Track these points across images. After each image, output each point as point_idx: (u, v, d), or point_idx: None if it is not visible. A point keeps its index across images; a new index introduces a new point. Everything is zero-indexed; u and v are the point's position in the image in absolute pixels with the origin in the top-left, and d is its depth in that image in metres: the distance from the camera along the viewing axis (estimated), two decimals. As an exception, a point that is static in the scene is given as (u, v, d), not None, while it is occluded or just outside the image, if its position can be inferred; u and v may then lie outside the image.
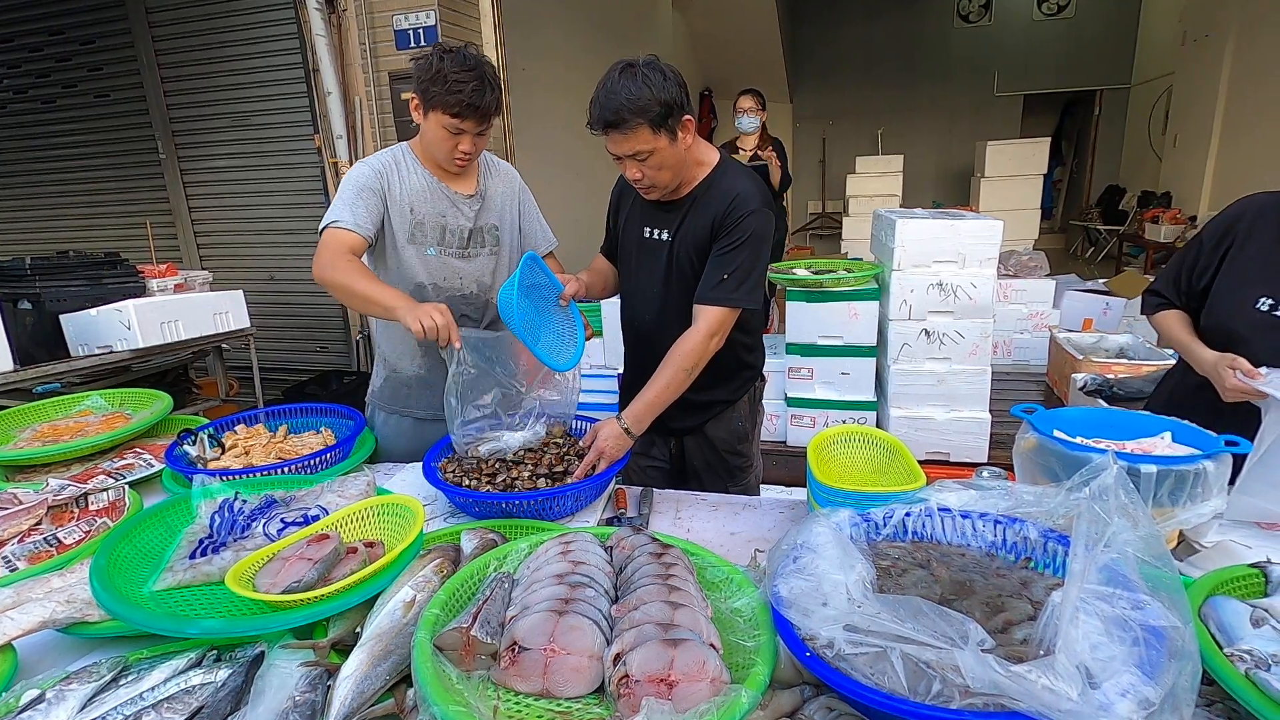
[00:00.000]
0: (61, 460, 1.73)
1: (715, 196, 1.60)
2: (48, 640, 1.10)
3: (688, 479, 1.94)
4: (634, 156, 1.50)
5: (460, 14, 4.29)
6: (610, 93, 1.44)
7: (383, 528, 1.24)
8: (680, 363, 1.57)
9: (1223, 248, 1.42)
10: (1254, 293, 1.36)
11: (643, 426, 1.57)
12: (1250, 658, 0.77)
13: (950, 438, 3.15)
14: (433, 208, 1.78)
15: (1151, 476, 1.11)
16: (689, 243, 1.64)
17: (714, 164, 1.65)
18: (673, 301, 1.70)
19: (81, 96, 5.12)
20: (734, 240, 1.57)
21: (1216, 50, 6.69)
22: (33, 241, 5.58)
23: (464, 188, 1.83)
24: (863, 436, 1.50)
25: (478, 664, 0.88)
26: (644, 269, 1.74)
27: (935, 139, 11.11)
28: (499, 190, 1.90)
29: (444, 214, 1.79)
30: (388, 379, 1.94)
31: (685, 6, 8.97)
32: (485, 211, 1.86)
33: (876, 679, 0.74)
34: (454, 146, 1.69)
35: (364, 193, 1.71)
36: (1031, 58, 10.56)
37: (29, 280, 3.22)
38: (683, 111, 1.49)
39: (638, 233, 1.73)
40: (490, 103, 1.65)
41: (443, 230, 1.80)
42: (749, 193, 1.59)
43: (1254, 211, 1.40)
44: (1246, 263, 1.38)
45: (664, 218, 1.68)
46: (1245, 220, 1.40)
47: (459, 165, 1.75)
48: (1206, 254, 1.46)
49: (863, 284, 3.23)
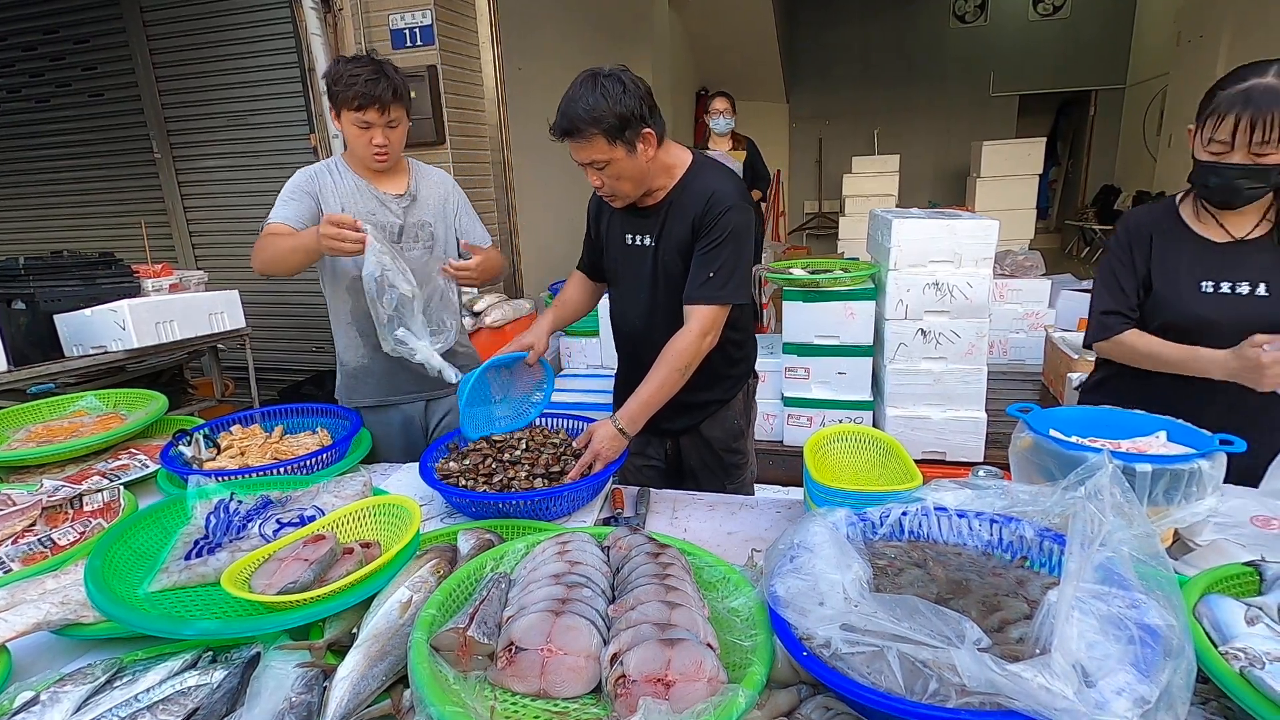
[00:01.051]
0: (56, 461, 1.72)
1: (692, 197, 1.61)
2: (42, 642, 1.10)
3: (684, 478, 1.94)
4: (592, 165, 1.53)
5: (456, 13, 4.28)
6: (570, 101, 1.47)
7: (379, 528, 1.24)
8: (674, 362, 1.57)
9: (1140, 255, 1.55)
10: (1191, 280, 1.48)
11: (637, 426, 1.57)
12: (1245, 656, 0.77)
13: (946, 437, 3.16)
14: (362, 207, 1.91)
15: (1146, 475, 1.11)
16: (672, 246, 1.65)
17: (687, 164, 1.65)
18: (661, 305, 1.70)
19: (76, 96, 5.09)
20: (715, 238, 1.57)
21: (1210, 50, 6.71)
22: (27, 241, 5.56)
23: (392, 188, 1.96)
24: (859, 436, 1.51)
25: (474, 664, 0.88)
26: (629, 275, 1.75)
27: (931, 139, 11.13)
28: (431, 191, 2.02)
29: (374, 212, 1.91)
30: (341, 373, 2.08)
31: (681, 6, 8.97)
32: (417, 209, 1.98)
33: (873, 678, 0.74)
34: (368, 141, 1.83)
35: (297, 194, 1.89)
36: (1027, 58, 10.59)
37: (23, 280, 3.21)
38: (642, 124, 1.49)
39: (620, 240, 1.74)
40: (385, 90, 1.77)
41: (375, 229, 1.86)
42: (725, 190, 1.59)
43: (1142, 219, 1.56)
44: (1169, 260, 1.51)
45: (644, 223, 1.69)
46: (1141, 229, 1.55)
47: (378, 160, 1.87)
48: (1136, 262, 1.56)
49: (859, 284, 3.24)
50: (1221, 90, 1.34)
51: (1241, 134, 1.31)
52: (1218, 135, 1.34)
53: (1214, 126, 1.35)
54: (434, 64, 4.06)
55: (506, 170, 4.81)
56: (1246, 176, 1.34)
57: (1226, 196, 1.41)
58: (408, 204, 1.96)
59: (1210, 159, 1.38)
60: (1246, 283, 1.44)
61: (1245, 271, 1.45)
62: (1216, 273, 1.47)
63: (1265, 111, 1.28)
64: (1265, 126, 1.28)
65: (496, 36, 4.61)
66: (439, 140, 4.16)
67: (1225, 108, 1.32)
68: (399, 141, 1.88)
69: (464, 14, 4.36)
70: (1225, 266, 1.46)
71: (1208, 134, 1.37)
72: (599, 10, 6.90)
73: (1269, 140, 1.29)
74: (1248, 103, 1.29)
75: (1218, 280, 1.47)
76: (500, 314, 3.75)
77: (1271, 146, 1.30)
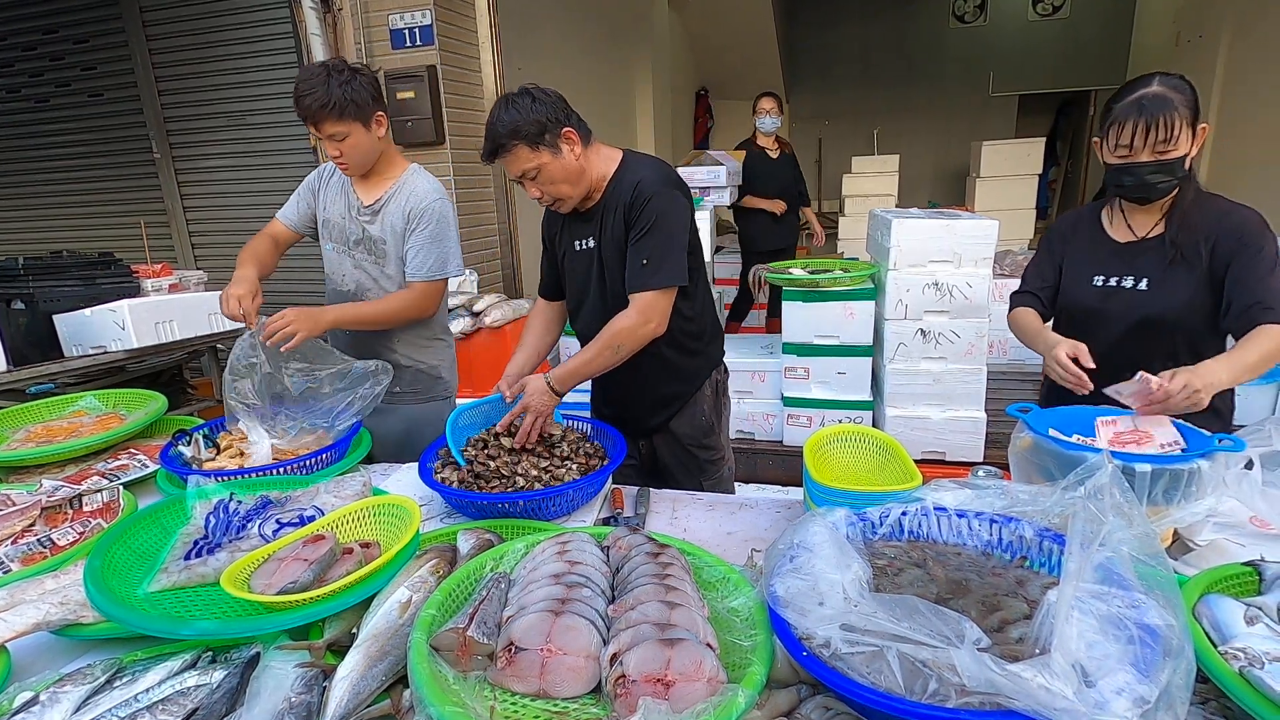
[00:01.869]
0: (55, 461, 1.72)
1: (621, 192, 1.66)
2: (42, 642, 1.10)
3: (662, 477, 1.95)
4: (525, 176, 1.60)
5: (456, 13, 4.28)
6: (490, 125, 1.58)
7: (379, 528, 1.24)
8: (609, 340, 1.62)
9: (1059, 249, 1.78)
10: (1089, 274, 1.68)
11: (565, 387, 1.63)
12: (1244, 655, 0.77)
13: (946, 437, 3.16)
14: (337, 209, 2.01)
15: (1146, 475, 1.11)
16: (612, 244, 1.69)
17: (618, 162, 1.71)
18: (609, 306, 1.72)
19: (75, 96, 5.10)
20: (643, 226, 1.62)
21: (1210, 51, 6.71)
22: (26, 241, 5.56)
23: (367, 196, 1.99)
24: (859, 436, 1.51)
25: (474, 664, 0.88)
26: (580, 279, 1.80)
27: (931, 139, 11.12)
28: (395, 209, 1.97)
29: (344, 215, 2.01)
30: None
31: (681, 6, 8.96)
32: (377, 224, 1.98)
33: (873, 678, 0.74)
34: (329, 151, 1.86)
35: (303, 191, 2.05)
36: (1027, 58, 10.58)
37: (23, 280, 3.21)
38: (559, 125, 1.58)
39: (570, 247, 1.80)
40: (316, 105, 1.75)
41: (338, 229, 2.02)
42: (649, 178, 1.64)
43: (1068, 220, 1.80)
44: (1077, 255, 1.73)
45: (586, 227, 1.74)
46: (1066, 228, 1.78)
47: (342, 168, 1.92)
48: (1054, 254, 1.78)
49: (859, 284, 3.24)
50: (1117, 103, 1.51)
51: (1140, 137, 1.46)
52: (1121, 140, 1.49)
53: (1117, 134, 1.50)
54: (434, 64, 4.07)
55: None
56: (1156, 172, 1.49)
57: (1143, 192, 1.54)
58: (370, 217, 1.98)
59: (1120, 162, 1.52)
60: (1132, 277, 1.62)
61: (1134, 267, 1.62)
62: (1109, 268, 1.65)
63: (1157, 114, 1.44)
64: (1159, 127, 1.44)
65: (496, 36, 4.61)
66: (439, 140, 4.16)
67: (1123, 116, 1.48)
68: (354, 153, 1.85)
69: (464, 14, 4.36)
70: (1118, 262, 1.64)
71: (1112, 141, 1.52)
72: (599, 10, 6.90)
73: (1167, 139, 1.45)
74: (1142, 110, 1.45)
75: (1108, 275, 1.65)
76: (500, 314, 3.75)
77: (1170, 145, 1.46)
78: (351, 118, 1.80)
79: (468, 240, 4.37)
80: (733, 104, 10.86)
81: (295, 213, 2.05)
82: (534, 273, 5.74)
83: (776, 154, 4.93)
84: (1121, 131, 1.48)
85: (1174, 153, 1.47)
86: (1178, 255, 1.55)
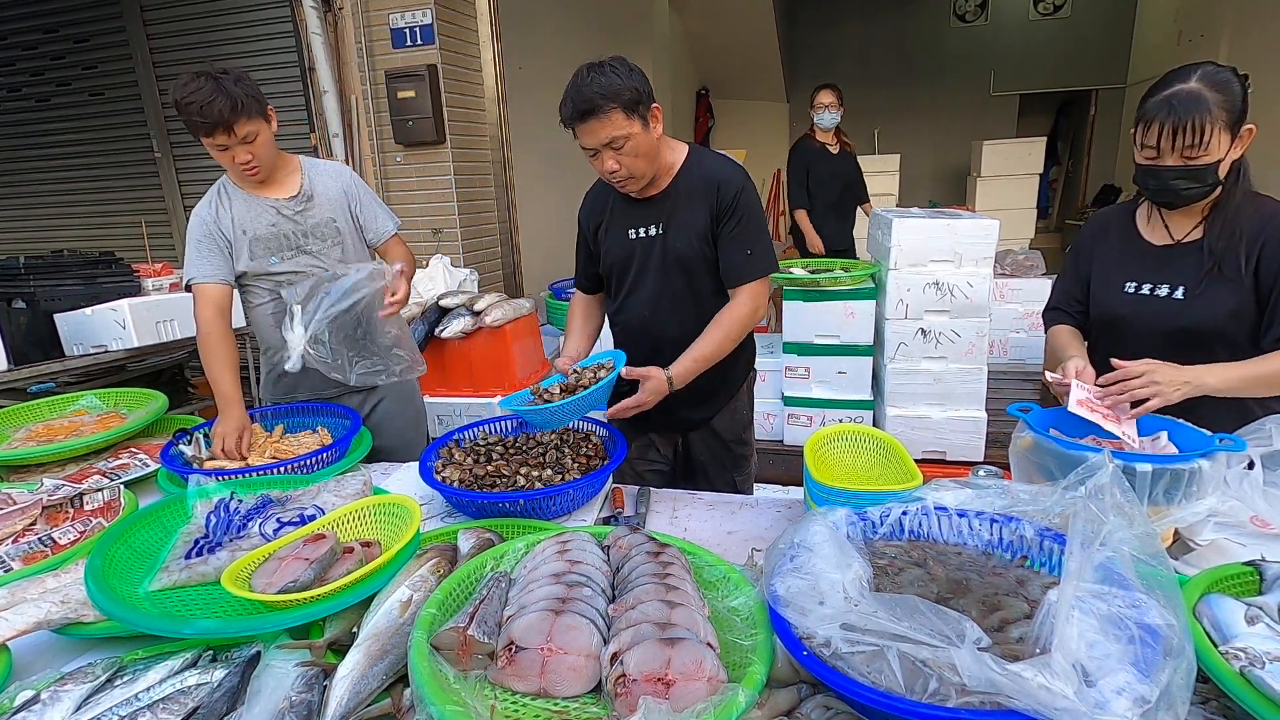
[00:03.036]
0: (56, 460, 1.72)
1: (699, 185, 1.67)
2: (42, 641, 1.10)
3: (693, 476, 1.95)
4: (610, 145, 1.54)
5: (457, 13, 4.28)
6: (580, 86, 1.51)
7: (379, 527, 1.24)
8: (729, 329, 1.65)
9: (1085, 258, 1.65)
10: (1119, 280, 1.56)
11: (684, 382, 1.63)
12: (1245, 655, 0.77)
13: (946, 437, 3.16)
14: (261, 220, 1.90)
15: (1147, 475, 1.11)
16: (687, 233, 1.68)
17: (686, 154, 1.72)
18: (668, 294, 1.73)
19: (76, 95, 5.10)
20: (740, 218, 1.66)
21: (1211, 50, 6.70)
22: (27, 240, 5.56)
23: (283, 192, 1.94)
24: (859, 435, 1.51)
25: (475, 664, 0.88)
26: (634, 268, 1.77)
27: (932, 138, 11.11)
28: (327, 187, 1.98)
29: (274, 224, 1.91)
30: (270, 371, 2.08)
31: (681, 6, 8.96)
32: (316, 209, 1.96)
33: (873, 677, 0.74)
34: (232, 160, 1.80)
35: (204, 241, 1.87)
36: (1027, 58, 10.57)
37: (23, 279, 3.21)
38: (651, 100, 1.57)
39: (622, 235, 1.76)
40: (224, 108, 1.70)
41: (278, 238, 1.92)
42: (731, 173, 1.68)
43: (1099, 220, 1.67)
44: (1107, 259, 1.60)
45: (649, 214, 1.72)
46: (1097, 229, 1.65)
47: (250, 175, 1.85)
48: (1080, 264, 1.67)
49: (859, 283, 3.24)
50: (1151, 96, 1.37)
51: (1166, 140, 1.34)
52: (1147, 141, 1.38)
53: (1143, 133, 1.38)
54: (434, 63, 4.07)
55: (506, 169, 4.81)
56: (1182, 178, 1.37)
57: (1167, 198, 1.44)
58: (303, 206, 1.94)
59: (1145, 164, 1.41)
60: (1167, 285, 1.49)
61: (1169, 274, 1.49)
62: (1142, 274, 1.52)
63: (1186, 118, 1.31)
64: (1187, 132, 1.31)
65: (497, 36, 4.61)
66: (439, 140, 4.16)
67: (1151, 115, 1.36)
68: (264, 151, 1.83)
69: (464, 13, 4.36)
70: (1153, 268, 1.51)
71: (1139, 139, 1.40)
72: (599, 9, 6.89)
73: (1195, 144, 1.32)
74: (1170, 110, 1.32)
75: (1141, 281, 1.52)
76: (500, 313, 3.74)
77: (1199, 150, 1.33)
78: (257, 114, 1.78)
79: (468, 240, 4.37)
80: (733, 104, 10.86)
81: (222, 265, 1.87)
82: (535, 271, 5.72)
83: (836, 149, 4.51)
84: (1148, 131, 1.36)
85: (1204, 158, 1.34)
86: (1215, 265, 1.42)
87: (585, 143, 1.57)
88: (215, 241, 1.87)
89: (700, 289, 1.73)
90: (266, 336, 2.03)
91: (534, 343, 3.83)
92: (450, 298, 3.52)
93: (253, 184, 1.90)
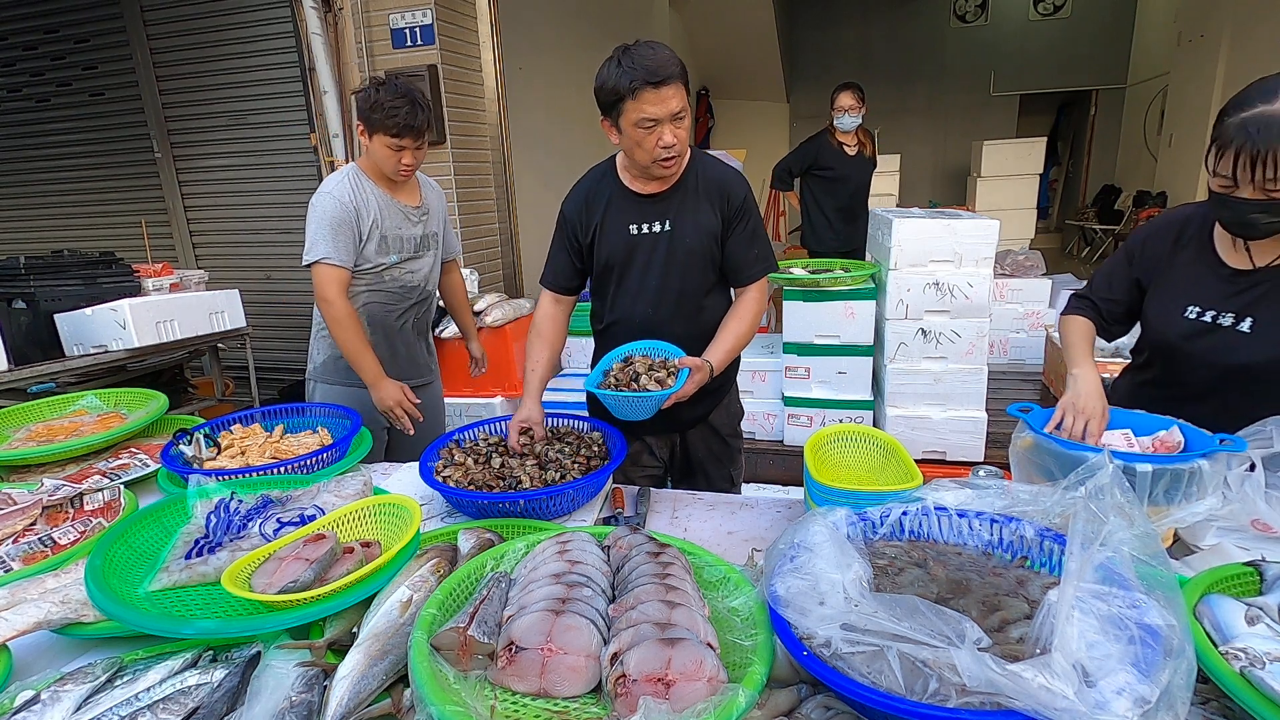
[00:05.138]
0: (56, 460, 1.72)
1: (706, 185, 1.70)
2: (42, 641, 1.10)
3: (691, 475, 1.94)
4: (676, 116, 1.52)
5: (457, 12, 4.28)
6: (648, 55, 1.48)
7: (379, 527, 1.24)
8: (751, 321, 1.72)
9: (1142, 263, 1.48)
10: (1182, 302, 1.41)
11: (722, 368, 1.68)
12: (1245, 656, 0.77)
13: (946, 437, 3.16)
14: (392, 222, 2.10)
15: (1147, 475, 1.11)
16: (696, 230, 1.69)
17: (689, 155, 1.72)
18: (672, 290, 1.73)
19: (76, 95, 5.09)
20: (747, 220, 1.71)
21: (1211, 50, 6.71)
22: (27, 241, 5.56)
23: (410, 200, 2.17)
24: (859, 436, 1.51)
25: (475, 664, 0.88)
26: (637, 266, 1.74)
27: (932, 139, 11.12)
28: (435, 203, 2.27)
29: (399, 226, 2.12)
30: (330, 356, 2.21)
31: (681, 6, 8.96)
32: (429, 220, 2.22)
33: (873, 678, 0.74)
34: (398, 161, 2.02)
35: (341, 227, 2.01)
36: (1028, 58, 10.58)
37: (24, 279, 3.21)
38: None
39: (622, 231, 1.72)
40: (422, 122, 1.99)
41: (401, 240, 2.13)
42: (735, 176, 1.73)
43: (1177, 226, 1.45)
44: (1173, 275, 1.43)
45: (655, 210, 1.70)
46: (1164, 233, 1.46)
47: (403, 176, 2.08)
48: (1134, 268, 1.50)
49: (859, 283, 3.24)
50: (1228, 117, 1.21)
51: (1243, 170, 1.18)
52: (1220, 169, 1.22)
53: (1217, 158, 1.22)
54: (434, 63, 4.06)
55: (507, 169, 4.81)
56: (1262, 211, 1.21)
57: (1242, 231, 1.29)
58: (424, 215, 2.19)
59: (1220, 191, 1.25)
60: (1233, 314, 1.34)
61: (1239, 303, 1.35)
62: (1209, 299, 1.38)
63: (1267, 148, 1.15)
64: (1267, 164, 1.16)
65: (497, 35, 4.61)
66: (439, 140, 4.16)
67: (1226, 140, 1.20)
68: (422, 160, 2.08)
69: (464, 13, 4.36)
70: (1222, 294, 1.36)
71: (1213, 164, 1.24)
72: (599, 10, 6.90)
73: (1275, 177, 1.16)
74: (1246, 137, 1.17)
75: (1205, 307, 1.38)
76: (500, 313, 3.75)
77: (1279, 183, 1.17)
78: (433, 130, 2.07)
79: (468, 240, 4.37)
80: (733, 104, 10.86)
81: (350, 251, 2.03)
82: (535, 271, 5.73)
83: (854, 151, 4.34)
84: (1222, 158, 1.21)
85: None
86: None
87: (652, 112, 1.49)
88: (350, 229, 2.02)
89: (701, 288, 1.74)
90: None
91: (534, 343, 3.82)
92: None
93: (385, 182, 2.10)
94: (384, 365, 2.11)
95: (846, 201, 4.43)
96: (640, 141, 1.55)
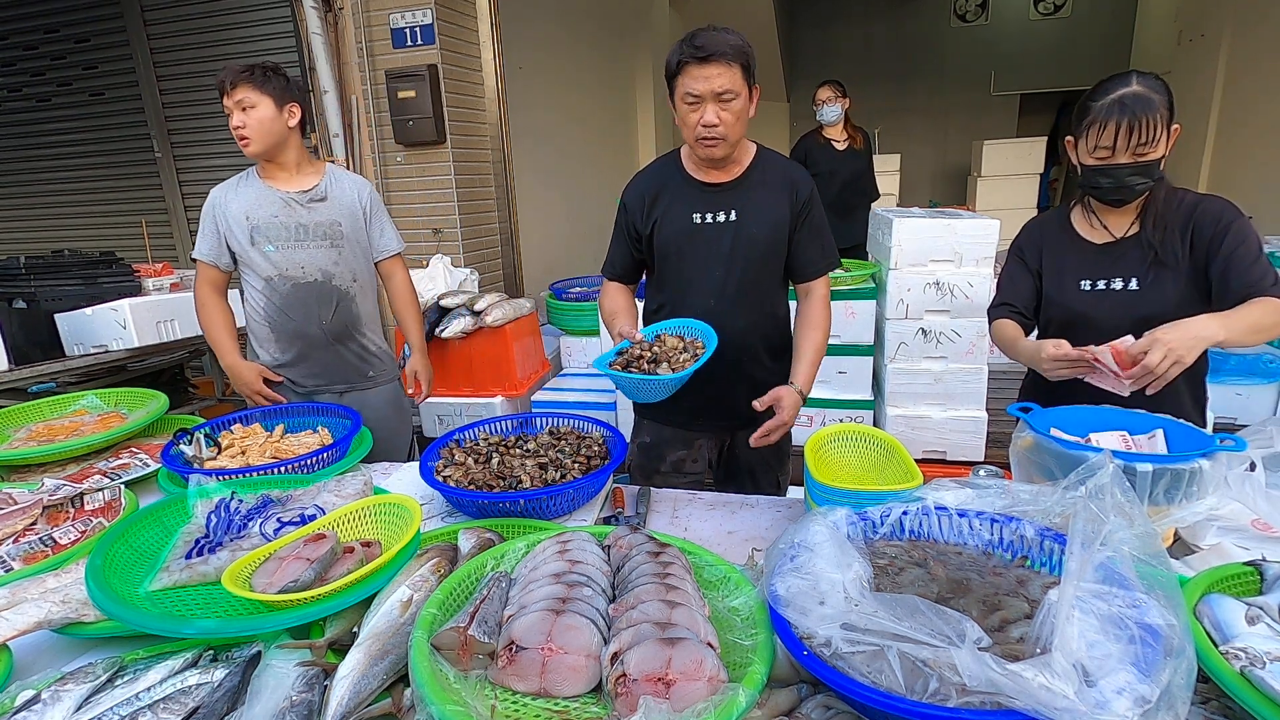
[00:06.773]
0: (57, 460, 1.72)
1: (777, 178, 1.71)
2: (43, 641, 1.10)
3: (736, 478, 1.90)
4: (720, 96, 1.53)
5: (457, 12, 4.28)
6: (708, 34, 1.51)
7: (380, 527, 1.24)
8: (827, 328, 1.75)
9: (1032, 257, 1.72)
10: (1074, 279, 1.63)
11: (810, 387, 1.71)
12: (1245, 655, 0.77)
13: (947, 436, 3.16)
14: (266, 211, 2.06)
15: (1147, 475, 1.11)
16: (764, 222, 1.68)
17: (755, 150, 1.75)
18: (734, 281, 1.71)
19: (76, 95, 5.10)
20: (813, 214, 1.73)
21: (1211, 49, 6.70)
22: (28, 240, 5.57)
23: (290, 186, 2.10)
24: (860, 435, 1.51)
25: (475, 663, 0.88)
26: (699, 255, 1.70)
27: (932, 138, 11.11)
28: (344, 193, 2.16)
29: (276, 214, 2.07)
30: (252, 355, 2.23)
31: (681, 6, 8.95)
32: (326, 209, 2.12)
33: (874, 677, 0.74)
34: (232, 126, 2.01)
35: (205, 221, 2.09)
36: (1028, 57, 10.57)
37: (24, 279, 3.22)
38: (754, 79, 1.59)
39: (685, 220, 1.70)
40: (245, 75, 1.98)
41: (277, 226, 2.07)
42: (802, 173, 1.75)
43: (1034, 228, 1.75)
44: (1056, 261, 1.68)
45: (721, 200, 1.69)
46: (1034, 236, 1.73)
47: (243, 143, 2.02)
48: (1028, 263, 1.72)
49: (860, 283, 3.24)
50: (1094, 101, 1.46)
51: (1123, 138, 1.43)
52: (1102, 141, 1.46)
53: (1097, 134, 1.46)
54: (434, 63, 4.07)
55: (507, 169, 4.81)
56: (1136, 174, 1.46)
57: (1121, 195, 1.52)
58: (315, 203, 2.10)
59: (1097, 164, 1.49)
60: (1120, 278, 1.58)
61: (1120, 268, 1.58)
62: (1094, 271, 1.61)
63: (1140, 116, 1.41)
64: (1142, 129, 1.41)
65: (497, 35, 4.61)
66: (439, 140, 4.16)
67: (1104, 116, 1.44)
68: (258, 126, 1.99)
69: (464, 13, 4.36)
70: (1102, 265, 1.60)
71: (1091, 142, 1.48)
72: (599, 9, 6.89)
73: (1148, 141, 1.42)
74: (1124, 110, 1.41)
75: (1095, 278, 1.61)
76: (500, 313, 3.75)
77: (1150, 146, 1.43)
78: (264, 90, 1.98)
79: (468, 240, 4.37)
80: (733, 103, 10.83)
81: (216, 245, 2.08)
82: (534, 271, 5.72)
83: (843, 146, 4.41)
84: (1103, 132, 1.45)
85: (1152, 154, 1.45)
86: (1156, 255, 1.54)
87: (694, 88, 1.52)
88: (212, 222, 2.07)
89: (764, 280, 1.72)
90: (255, 330, 2.18)
91: (534, 343, 3.82)
92: (450, 298, 3.52)
93: (278, 174, 2.08)
94: (296, 373, 2.17)
95: (835, 197, 4.42)
96: (685, 118, 1.57)
